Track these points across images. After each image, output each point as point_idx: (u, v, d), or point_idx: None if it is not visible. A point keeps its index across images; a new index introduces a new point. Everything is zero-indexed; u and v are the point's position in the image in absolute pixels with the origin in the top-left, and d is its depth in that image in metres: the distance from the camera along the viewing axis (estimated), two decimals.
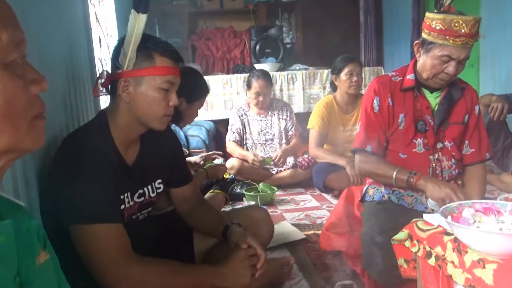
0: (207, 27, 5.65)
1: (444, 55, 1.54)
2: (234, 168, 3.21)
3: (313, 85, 3.98)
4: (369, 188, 1.84)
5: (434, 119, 1.70)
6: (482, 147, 1.76)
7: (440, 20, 1.51)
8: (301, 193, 3.19)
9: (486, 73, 4.16)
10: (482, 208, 1.14)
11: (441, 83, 1.64)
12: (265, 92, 3.31)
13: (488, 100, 3.06)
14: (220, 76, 4.06)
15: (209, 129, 3.55)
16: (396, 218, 1.58)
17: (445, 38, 1.51)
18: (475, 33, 1.50)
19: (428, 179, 1.58)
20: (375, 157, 1.73)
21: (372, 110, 1.73)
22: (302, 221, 2.54)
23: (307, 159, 3.30)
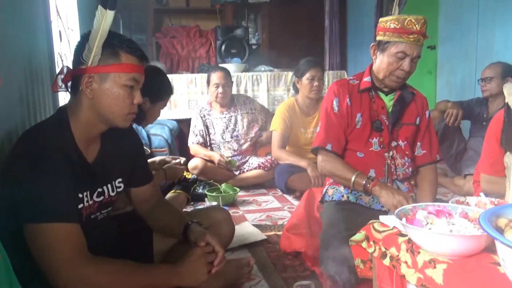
0: (173, 25, 5.59)
1: (399, 52, 1.65)
2: (197, 168, 3.19)
3: (277, 87, 4.02)
4: (329, 188, 1.89)
5: (389, 119, 1.79)
6: (432, 149, 1.87)
7: (394, 20, 1.64)
8: (263, 194, 3.21)
9: (443, 80, 4.33)
10: (434, 210, 1.19)
11: (397, 81, 1.73)
12: (224, 84, 3.32)
13: (444, 106, 3.19)
14: (184, 75, 4.02)
15: (172, 128, 3.50)
16: (354, 217, 1.64)
17: (400, 36, 1.63)
18: (424, 32, 1.64)
19: (383, 186, 1.66)
20: (336, 157, 1.80)
21: (332, 111, 1.81)
22: (264, 222, 2.56)
23: (270, 160, 3.33)
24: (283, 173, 3.12)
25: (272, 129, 3.29)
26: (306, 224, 2.03)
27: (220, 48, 4.71)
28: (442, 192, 3.05)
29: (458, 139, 3.20)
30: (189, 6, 5.53)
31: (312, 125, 3.25)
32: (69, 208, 1.14)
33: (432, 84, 4.43)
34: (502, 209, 1.01)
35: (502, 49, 3.54)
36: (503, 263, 0.85)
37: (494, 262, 0.99)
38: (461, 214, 1.15)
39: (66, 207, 1.13)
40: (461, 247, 1.00)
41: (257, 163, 3.34)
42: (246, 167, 3.38)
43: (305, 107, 3.28)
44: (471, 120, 3.26)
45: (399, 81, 1.73)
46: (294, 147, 3.29)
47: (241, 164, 3.42)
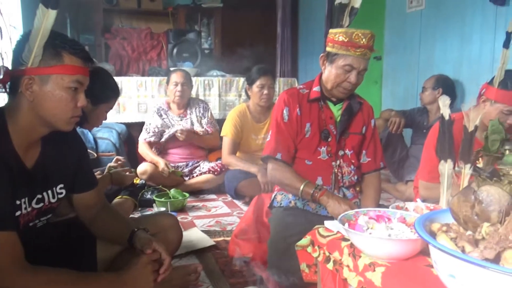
0: (123, 26, 5.46)
1: (346, 65, 1.69)
2: (146, 174, 3.13)
3: (229, 92, 4.03)
4: (277, 194, 1.91)
5: (336, 128, 1.84)
6: (377, 157, 1.93)
7: (342, 33, 1.67)
8: (213, 200, 3.21)
9: (387, 90, 4.52)
10: (375, 215, 1.24)
11: (344, 92, 1.77)
12: (183, 83, 3.31)
13: (388, 115, 3.33)
14: (134, 78, 3.94)
15: (121, 132, 3.42)
16: (301, 223, 1.67)
17: (348, 49, 1.67)
18: (371, 46, 1.69)
19: (330, 196, 1.69)
20: (285, 166, 1.81)
21: (282, 120, 1.83)
22: (213, 228, 2.55)
23: (220, 165, 3.32)
24: (233, 179, 3.13)
25: (223, 134, 3.29)
26: (255, 230, 2.05)
27: (172, 51, 4.66)
28: (386, 197, 3.18)
29: (400, 146, 3.35)
30: (140, 7, 5.43)
31: (263, 131, 3.29)
32: (5, 215, 1.09)
33: (378, 93, 4.61)
34: (436, 214, 1.07)
35: (441, 62, 3.75)
36: (436, 265, 0.90)
37: (428, 265, 1.04)
38: (399, 219, 1.20)
39: (2, 214, 1.07)
40: (398, 251, 1.05)
41: (207, 168, 3.33)
42: (197, 172, 3.36)
43: (256, 114, 3.31)
44: (412, 128, 3.43)
45: (346, 92, 1.78)
46: (245, 153, 3.31)
47: (192, 168, 3.39)
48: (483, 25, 3.33)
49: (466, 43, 3.50)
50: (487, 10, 3.28)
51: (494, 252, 0.80)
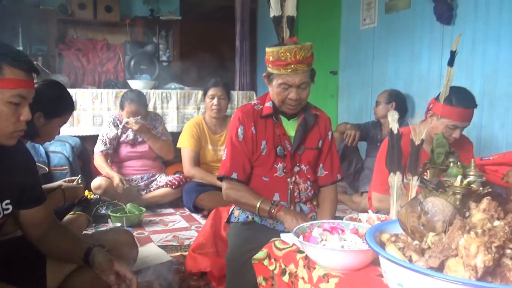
0: (78, 37, 5.33)
1: (281, 83, 1.69)
2: (101, 188, 3.04)
3: (187, 105, 4.01)
4: (235, 209, 1.90)
5: (291, 144, 1.83)
6: (334, 170, 1.94)
7: (270, 53, 1.68)
8: (170, 214, 3.16)
9: (343, 103, 4.64)
10: (329, 227, 1.26)
11: (291, 108, 1.77)
12: (138, 112, 3.24)
13: (344, 128, 3.42)
14: (89, 90, 3.84)
15: (74, 146, 3.32)
16: (259, 237, 1.66)
17: (278, 68, 1.67)
18: (302, 59, 1.65)
19: (287, 211, 1.70)
20: (241, 185, 1.80)
21: (237, 139, 1.80)
22: (170, 243, 2.51)
23: (178, 179, 3.28)
24: (191, 192, 3.10)
25: (181, 146, 3.27)
26: (213, 244, 2.03)
27: (129, 63, 4.59)
28: (342, 208, 3.24)
29: (356, 159, 3.44)
30: (97, 18, 5.31)
31: (220, 142, 3.31)
32: None
33: (334, 106, 4.73)
34: (385, 225, 1.11)
35: (393, 77, 3.91)
36: (385, 275, 0.93)
37: (379, 274, 1.07)
38: (352, 230, 1.24)
39: None
40: (350, 262, 1.08)
41: (165, 181, 3.28)
42: (154, 186, 3.30)
43: (212, 125, 3.33)
44: (367, 141, 3.54)
45: (293, 108, 1.77)
46: (202, 164, 3.31)
47: (149, 182, 3.33)
48: (431, 43, 3.51)
49: (416, 60, 3.67)
50: (434, 29, 3.46)
51: (438, 260, 0.83)
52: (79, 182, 2.10)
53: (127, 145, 3.33)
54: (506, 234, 0.85)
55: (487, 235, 0.82)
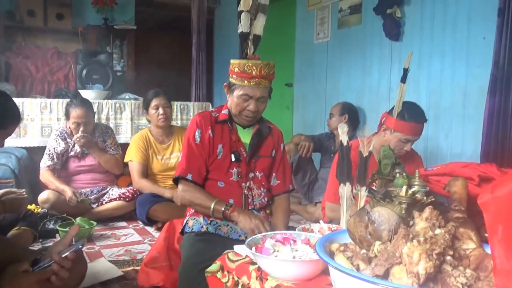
0: (27, 44, 5.12)
1: (243, 94, 1.76)
2: (48, 202, 2.91)
3: (142, 116, 3.93)
4: (189, 219, 1.89)
5: (246, 151, 1.89)
6: (286, 180, 2.00)
7: (237, 65, 1.74)
8: (123, 227, 3.07)
9: (298, 115, 4.73)
10: (282, 238, 1.27)
11: (247, 120, 1.84)
12: (86, 121, 3.13)
13: (298, 139, 3.48)
14: (38, 100, 3.68)
15: (21, 158, 3.17)
16: (212, 248, 1.66)
17: (242, 80, 1.74)
18: (266, 75, 1.74)
19: (241, 211, 1.73)
20: (196, 186, 1.82)
21: (194, 141, 1.84)
22: (122, 257, 2.44)
23: (132, 191, 3.20)
24: (144, 203, 3.04)
25: (128, 159, 3.25)
26: (166, 257, 1.99)
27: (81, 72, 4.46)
28: (297, 219, 3.28)
29: (310, 170, 3.50)
30: (47, 25, 5.14)
31: (168, 152, 3.32)
32: None
33: (289, 118, 4.81)
34: (335, 235, 1.13)
35: (346, 90, 4.03)
36: (334, 284, 0.95)
37: (329, 283, 1.09)
38: (304, 240, 1.25)
39: None
40: (301, 272, 1.09)
41: (117, 194, 3.19)
42: (106, 199, 3.20)
43: (159, 136, 3.34)
44: (321, 152, 3.61)
45: (249, 120, 1.85)
46: (151, 175, 3.29)
47: (100, 195, 3.23)
48: (381, 58, 3.66)
49: (367, 73, 3.80)
50: (384, 44, 3.61)
51: (384, 268, 0.86)
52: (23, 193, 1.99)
53: (75, 159, 3.21)
54: (446, 241, 0.90)
55: (428, 242, 0.86)
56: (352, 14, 3.94)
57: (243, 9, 1.75)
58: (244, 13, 1.75)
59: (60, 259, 1.19)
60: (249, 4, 1.75)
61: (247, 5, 1.75)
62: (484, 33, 2.82)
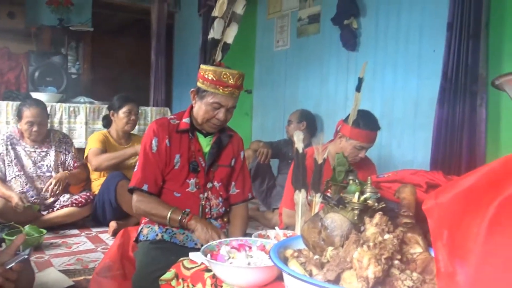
0: None
1: (215, 102, 1.73)
2: None
3: (97, 120, 3.83)
4: (144, 227, 1.86)
5: (205, 160, 1.85)
6: (245, 188, 1.98)
7: (212, 71, 1.71)
8: (74, 235, 2.96)
9: (257, 121, 4.76)
10: (237, 245, 1.27)
11: (213, 127, 1.81)
12: (40, 122, 3.01)
13: (257, 146, 3.50)
14: None
15: None
16: (167, 256, 1.63)
17: (216, 87, 1.71)
18: (240, 85, 1.75)
19: (199, 220, 1.71)
20: (151, 197, 1.78)
21: (151, 150, 1.79)
22: (73, 266, 2.35)
23: (85, 196, 3.10)
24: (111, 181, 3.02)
25: (88, 148, 3.24)
26: (119, 266, 1.93)
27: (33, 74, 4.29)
28: (255, 225, 3.29)
29: (268, 176, 3.53)
30: None
31: None
32: None
33: (248, 125, 4.83)
34: (290, 241, 1.15)
35: (304, 98, 4.10)
36: None
37: None
38: (259, 247, 1.26)
39: None
40: (256, 278, 1.09)
41: (69, 201, 3.07)
42: (57, 205, 3.08)
43: (118, 139, 3.37)
44: (279, 159, 3.65)
45: (215, 128, 1.82)
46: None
47: (51, 202, 3.10)
48: (338, 67, 3.75)
49: (324, 82, 3.89)
50: (341, 54, 3.70)
51: (335, 273, 0.88)
52: None
53: None
54: (394, 246, 0.93)
55: (378, 247, 0.89)
56: (310, 24, 4.03)
57: (217, 15, 1.72)
58: (218, 20, 1.72)
59: (3, 271, 1.13)
60: (223, 11, 1.73)
61: (221, 12, 1.73)
62: (434, 46, 2.95)
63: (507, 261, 0.68)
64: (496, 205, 0.73)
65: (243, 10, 1.78)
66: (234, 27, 1.77)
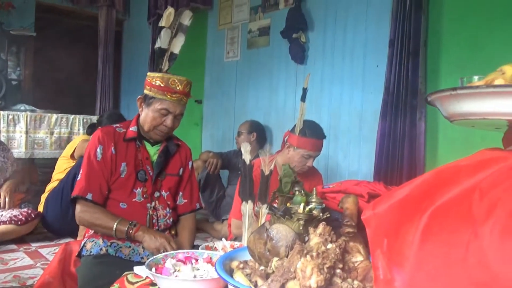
0: None
1: (163, 109, 1.73)
2: None
3: (39, 129, 3.66)
4: (87, 242, 1.79)
5: (153, 169, 1.83)
6: (193, 198, 1.97)
7: (159, 78, 1.71)
8: (12, 251, 2.79)
9: (207, 132, 4.74)
10: (183, 257, 1.26)
11: (161, 135, 1.80)
12: None
13: (206, 156, 3.49)
14: None
15: None
16: (112, 271, 1.58)
17: (164, 94, 1.71)
18: (187, 92, 1.77)
19: (146, 230, 1.68)
20: (96, 206, 1.73)
21: (95, 158, 1.75)
22: (9, 284, 2.22)
23: (25, 214, 2.93)
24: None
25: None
26: (60, 282, 1.85)
27: None
28: (204, 236, 3.26)
29: (218, 187, 3.52)
30: None
31: None
32: None
33: (198, 135, 4.80)
34: (237, 252, 1.15)
35: (254, 109, 4.14)
36: None
37: None
38: (206, 259, 1.25)
39: None
40: None
41: (8, 216, 2.89)
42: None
43: None
44: (229, 169, 3.65)
45: (162, 135, 1.81)
46: None
47: None
48: (287, 79, 3.83)
49: (274, 93, 3.95)
50: (290, 67, 3.78)
51: (279, 283, 0.89)
52: None
53: None
54: (336, 255, 0.95)
55: (320, 257, 0.91)
56: (260, 36, 4.09)
57: (164, 26, 1.74)
58: (165, 30, 1.74)
59: None
60: (170, 22, 1.76)
61: (168, 22, 1.76)
62: (378, 62, 3.09)
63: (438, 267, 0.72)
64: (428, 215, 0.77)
65: (189, 22, 1.82)
66: (180, 38, 1.79)
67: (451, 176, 0.76)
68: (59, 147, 3.68)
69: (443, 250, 0.71)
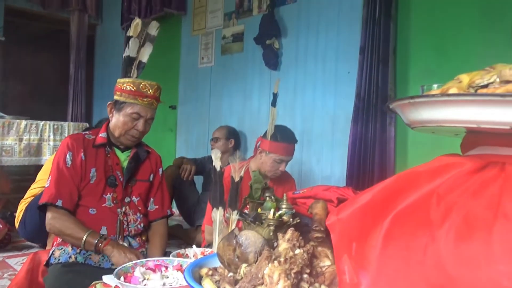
0: None
1: (134, 113, 1.76)
2: None
3: (7, 136, 3.56)
4: (56, 250, 1.76)
5: (123, 175, 1.84)
6: (164, 204, 1.98)
7: (130, 83, 1.75)
8: None
9: (181, 137, 4.72)
10: (153, 265, 1.25)
11: (132, 140, 1.83)
12: None
13: (180, 162, 3.46)
14: None
15: None
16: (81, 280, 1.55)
17: (135, 98, 1.75)
18: (157, 97, 1.81)
19: (115, 245, 1.66)
20: (66, 214, 1.71)
21: (65, 165, 1.75)
22: None
23: None
24: None
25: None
26: None
27: None
28: (178, 243, 3.23)
29: (192, 193, 3.49)
30: None
31: None
32: None
33: (173, 141, 4.77)
34: (206, 259, 1.15)
35: (228, 114, 4.14)
36: None
37: None
38: (176, 266, 1.25)
39: None
40: None
41: None
42: None
43: None
44: (203, 176, 3.63)
45: (134, 140, 1.83)
46: None
47: None
48: (261, 85, 3.85)
49: (248, 99, 3.96)
50: (263, 72, 3.81)
51: None
52: None
53: None
54: (304, 260, 0.97)
55: (288, 262, 0.92)
56: (234, 42, 4.10)
57: (132, 35, 1.79)
58: (133, 39, 1.79)
59: None
60: (138, 32, 1.80)
61: (136, 32, 1.81)
62: (349, 68, 3.14)
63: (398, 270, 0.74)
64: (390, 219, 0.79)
65: (156, 32, 1.87)
66: (148, 47, 1.84)
67: (410, 181, 0.79)
68: (28, 154, 3.59)
69: (403, 254, 0.73)
